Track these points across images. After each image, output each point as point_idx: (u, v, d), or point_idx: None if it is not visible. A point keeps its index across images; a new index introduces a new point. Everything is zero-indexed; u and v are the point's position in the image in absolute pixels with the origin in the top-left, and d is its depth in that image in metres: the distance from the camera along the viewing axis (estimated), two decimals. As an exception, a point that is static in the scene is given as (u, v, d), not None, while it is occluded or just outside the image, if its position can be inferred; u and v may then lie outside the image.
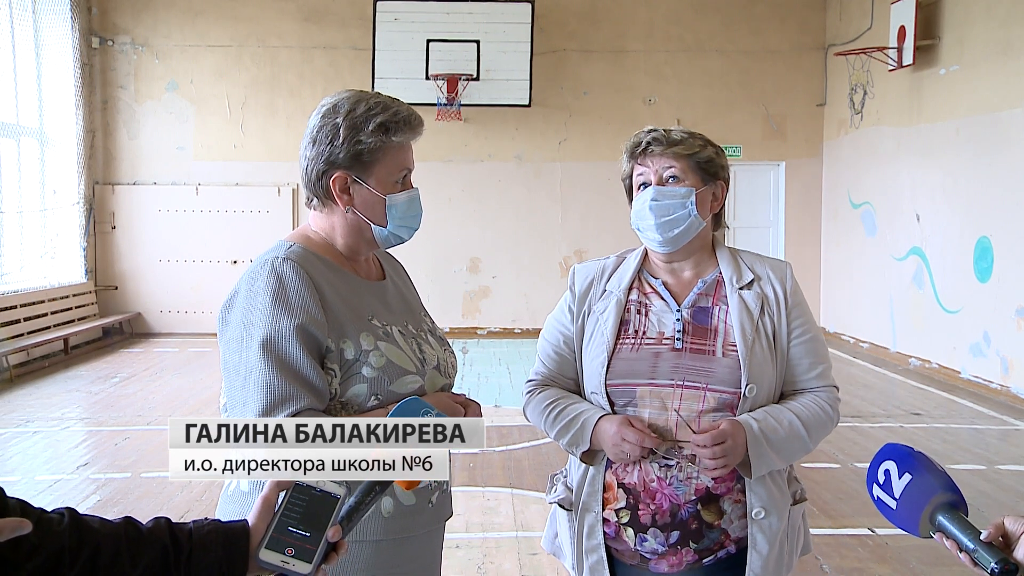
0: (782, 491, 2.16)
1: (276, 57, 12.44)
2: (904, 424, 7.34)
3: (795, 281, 2.24)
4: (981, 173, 8.79)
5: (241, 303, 1.87)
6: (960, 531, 1.41)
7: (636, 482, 2.11)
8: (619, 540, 2.15)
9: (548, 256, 12.68)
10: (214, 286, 11.87)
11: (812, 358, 2.19)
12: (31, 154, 11.19)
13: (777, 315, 2.17)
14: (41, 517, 1.28)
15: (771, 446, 2.06)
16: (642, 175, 2.22)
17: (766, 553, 2.10)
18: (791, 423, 2.10)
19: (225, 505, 1.96)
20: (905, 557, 4.43)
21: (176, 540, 1.31)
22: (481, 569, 4.38)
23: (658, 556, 2.12)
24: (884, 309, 10.76)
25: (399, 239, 2.01)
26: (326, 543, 1.29)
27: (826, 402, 2.17)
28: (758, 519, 2.10)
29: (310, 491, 1.33)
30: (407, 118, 1.94)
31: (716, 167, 2.21)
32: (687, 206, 2.16)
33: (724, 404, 2.09)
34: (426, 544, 1.99)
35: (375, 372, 1.87)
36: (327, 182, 1.94)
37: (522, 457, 6.31)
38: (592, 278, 2.29)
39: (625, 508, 2.13)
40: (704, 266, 2.24)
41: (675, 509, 2.09)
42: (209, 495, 5.39)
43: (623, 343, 2.17)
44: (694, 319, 2.17)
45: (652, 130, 2.22)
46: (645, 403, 2.11)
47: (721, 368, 2.10)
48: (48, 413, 7.73)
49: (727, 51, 12.68)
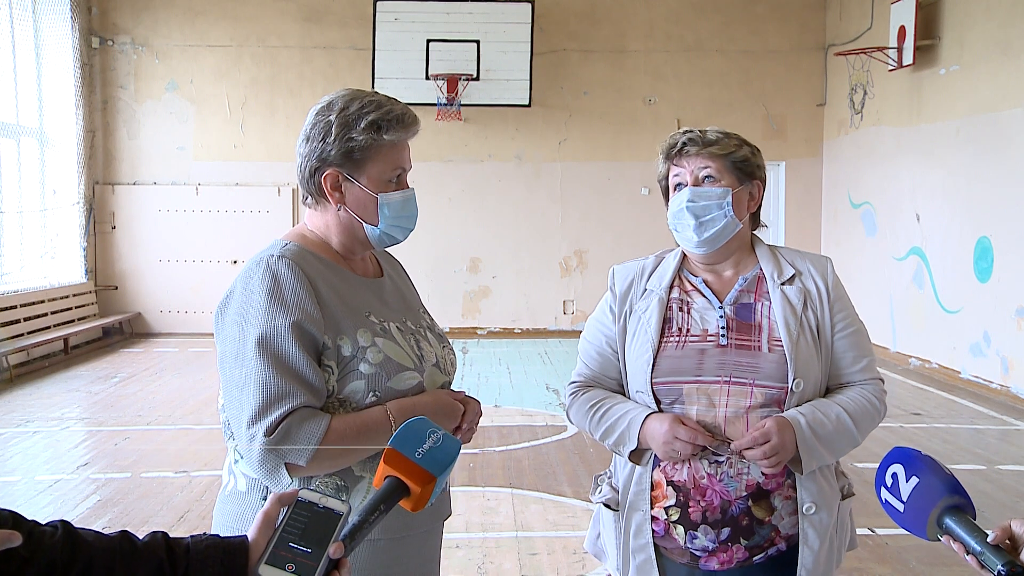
0: (832, 486, 2.15)
1: (276, 57, 12.44)
2: (904, 424, 7.34)
3: (836, 275, 2.23)
4: (981, 173, 8.78)
5: (237, 301, 1.87)
6: (967, 533, 1.41)
7: (686, 479, 2.10)
8: (668, 538, 2.14)
9: (548, 256, 12.67)
10: (214, 286, 11.87)
11: (857, 351, 2.19)
12: (31, 154, 11.19)
13: (820, 309, 2.17)
14: (33, 530, 1.24)
15: (820, 441, 2.05)
16: (678, 176, 2.21)
17: (817, 548, 2.10)
18: (839, 417, 2.10)
19: (223, 505, 1.96)
20: (905, 557, 4.43)
21: (172, 555, 1.28)
22: (481, 569, 4.38)
23: (708, 553, 2.11)
24: (884, 309, 10.75)
25: (392, 239, 2.00)
26: (328, 560, 1.26)
27: (872, 395, 2.18)
28: (809, 514, 2.09)
29: (312, 507, 1.30)
30: (399, 116, 1.93)
31: (752, 166, 2.21)
32: (723, 207, 2.16)
33: (772, 400, 2.08)
34: (424, 543, 1.98)
35: (373, 368, 1.86)
36: (319, 179, 1.95)
37: (522, 457, 6.30)
38: (632, 278, 2.28)
39: (675, 506, 2.12)
40: (744, 264, 2.24)
41: (726, 506, 2.08)
42: (209, 495, 5.39)
43: (667, 341, 2.16)
44: (737, 315, 2.16)
45: (687, 131, 2.22)
46: (692, 400, 2.10)
47: (767, 363, 2.10)
48: (48, 413, 7.72)
49: (727, 51, 12.68)
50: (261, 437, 1.75)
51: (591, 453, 6.29)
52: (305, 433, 1.76)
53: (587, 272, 12.56)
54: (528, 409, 7.95)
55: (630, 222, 12.38)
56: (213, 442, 6.56)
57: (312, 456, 1.76)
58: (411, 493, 1.40)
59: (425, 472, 1.41)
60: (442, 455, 1.44)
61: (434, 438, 1.45)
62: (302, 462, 1.76)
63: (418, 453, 1.42)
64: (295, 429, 1.76)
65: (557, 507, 5.26)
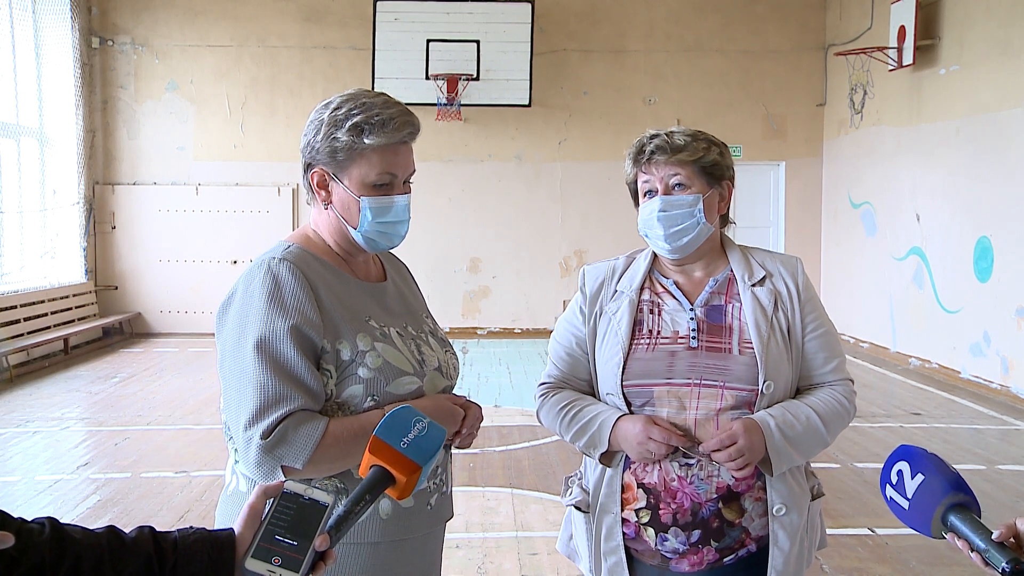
0: (801, 487, 2.16)
1: (276, 57, 12.44)
2: (904, 424, 7.34)
3: (806, 276, 2.23)
4: (981, 173, 8.78)
5: (237, 303, 1.87)
6: (972, 531, 1.42)
7: (656, 482, 2.10)
8: (639, 540, 2.14)
9: (548, 256, 12.68)
10: (214, 286, 11.88)
11: (827, 352, 2.19)
12: (31, 154, 11.19)
13: (791, 310, 2.17)
14: (21, 528, 1.24)
15: (789, 442, 2.06)
16: (647, 183, 2.19)
17: (787, 549, 2.10)
18: (808, 417, 2.10)
19: (224, 506, 1.96)
20: (905, 557, 4.43)
21: (160, 549, 1.28)
22: (481, 569, 4.38)
23: (679, 555, 2.11)
24: (884, 309, 10.75)
25: (374, 244, 1.97)
26: (314, 552, 1.26)
27: (842, 395, 2.17)
28: (779, 516, 2.10)
29: (298, 499, 1.30)
30: (383, 121, 1.89)
31: (722, 169, 2.20)
32: (695, 214, 2.15)
33: (742, 402, 2.08)
34: (425, 547, 1.98)
35: (371, 373, 1.86)
36: (309, 176, 1.96)
37: (522, 457, 6.31)
38: (602, 279, 2.27)
39: (645, 508, 2.12)
40: (715, 265, 2.24)
41: (696, 508, 2.08)
42: (209, 495, 5.39)
43: (638, 343, 2.16)
44: (708, 317, 2.16)
45: (654, 135, 2.19)
46: (663, 403, 2.10)
47: (738, 366, 2.10)
48: (48, 413, 7.72)
49: (727, 51, 12.68)
50: (258, 439, 1.75)
51: (591, 453, 6.29)
52: (302, 436, 1.76)
53: (587, 272, 12.53)
54: (528, 409, 7.95)
55: (630, 222, 12.22)
56: (213, 442, 6.56)
57: (309, 459, 1.76)
58: (396, 482, 1.40)
59: (410, 461, 1.41)
60: (428, 444, 1.44)
61: (419, 427, 1.45)
62: (299, 465, 1.76)
63: (403, 442, 1.42)
64: (292, 432, 1.76)
65: (557, 507, 5.26)
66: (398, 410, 1.47)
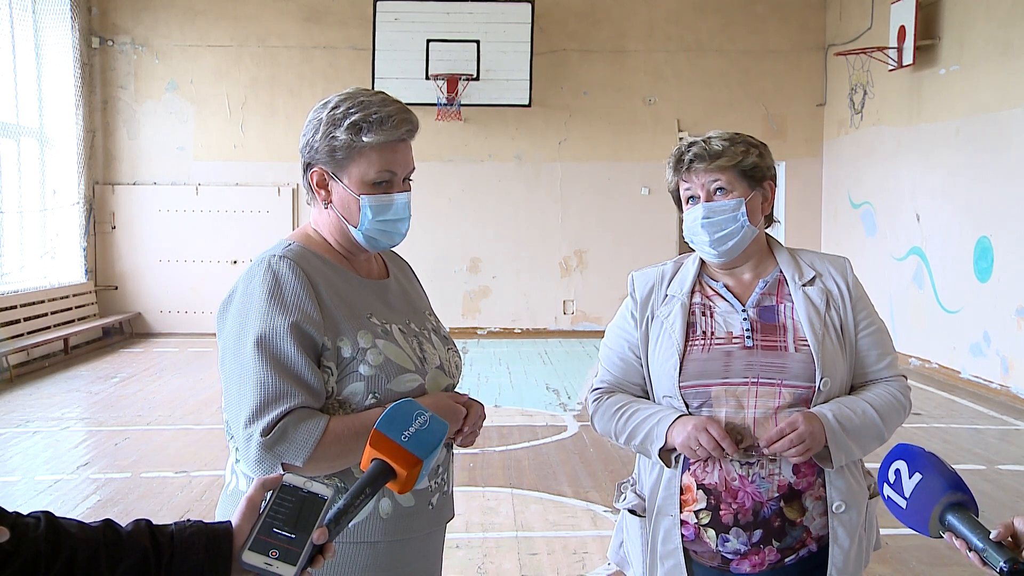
0: (860, 484, 2.16)
1: (276, 57, 12.44)
2: (904, 424, 7.32)
3: (855, 276, 2.25)
4: (981, 173, 8.78)
5: (238, 301, 1.87)
6: (969, 530, 1.42)
7: (717, 482, 2.10)
8: (699, 542, 2.13)
9: (548, 256, 12.67)
10: (214, 286, 11.86)
11: (880, 349, 2.20)
12: (31, 154, 11.19)
13: (843, 309, 2.18)
14: (16, 522, 1.23)
15: (848, 434, 2.06)
16: (689, 189, 2.20)
17: (847, 547, 2.10)
18: (865, 411, 2.10)
19: (225, 505, 1.96)
20: (905, 557, 4.43)
21: (157, 543, 1.27)
22: (481, 569, 4.38)
23: (740, 556, 2.10)
24: (884, 309, 10.75)
25: (375, 242, 1.97)
26: (311, 545, 1.25)
27: (898, 390, 2.19)
28: (839, 513, 2.09)
29: (297, 492, 1.29)
30: (381, 119, 1.89)
31: (762, 170, 2.20)
32: (739, 219, 2.15)
33: (799, 399, 2.09)
34: (426, 546, 1.98)
35: (372, 370, 1.86)
36: (308, 175, 1.95)
37: (522, 457, 6.30)
38: (652, 284, 2.27)
39: (706, 509, 2.11)
40: (764, 266, 2.25)
41: (757, 507, 2.08)
42: (209, 495, 5.39)
43: (693, 344, 2.16)
44: (761, 317, 2.17)
45: (692, 143, 2.20)
46: (721, 403, 2.10)
47: (795, 363, 2.10)
48: (48, 413, 7.72)
49: (727, 51, 12.68)
50: (258, 437, 1.75)
51: (591, 453, 6.28)
52: (302, 434, 1.76)
53: (587, 272, 12.56)
54: (528, 409, 7.95)
55: (630, 222, 12.39)
56: (213, 442, 6.56)
57: (309, 457, 1.76)
58: (397, 476, 1.39)
59: (411, 455, 1.40)
60: (429, 437, 1.43)
61: (420, 420, 1.44)
62: (299, 462, 1.75)
63: (404, 436, 1.41)
64: (292, 430, 1.75)
65: (557, 507, 5.26)
66: (399, 403, 1.46)
